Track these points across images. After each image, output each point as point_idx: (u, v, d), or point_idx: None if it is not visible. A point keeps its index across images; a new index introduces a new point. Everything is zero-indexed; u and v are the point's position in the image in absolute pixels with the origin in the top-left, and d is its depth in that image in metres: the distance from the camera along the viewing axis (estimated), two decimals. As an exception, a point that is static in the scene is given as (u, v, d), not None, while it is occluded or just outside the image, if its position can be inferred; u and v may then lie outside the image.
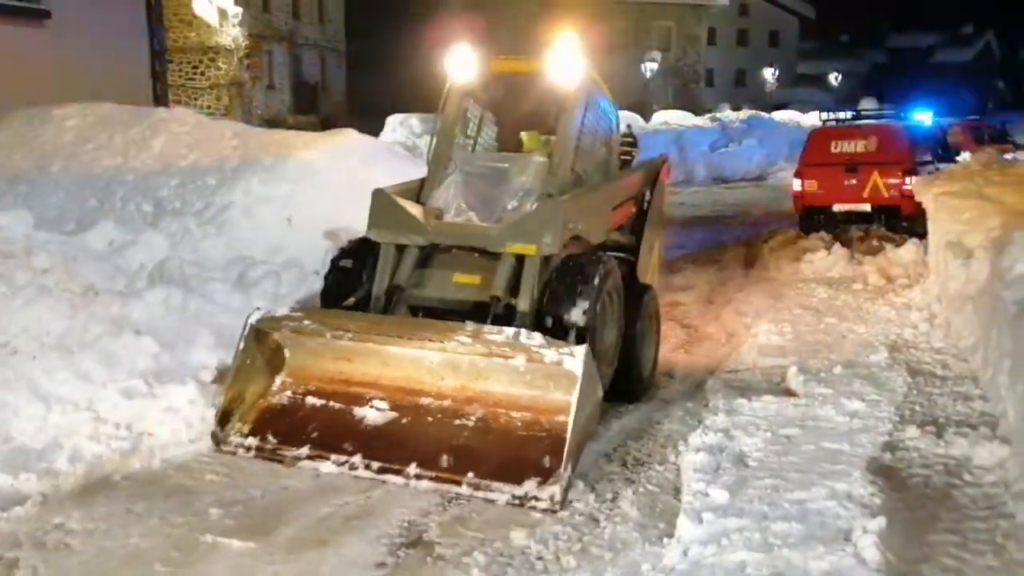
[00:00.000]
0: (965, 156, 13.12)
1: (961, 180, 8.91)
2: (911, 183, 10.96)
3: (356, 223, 8.31)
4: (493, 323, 4.88)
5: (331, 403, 4.94)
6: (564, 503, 4.20)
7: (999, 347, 5.19)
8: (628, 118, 21.51)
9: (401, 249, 5.45)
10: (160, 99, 15.92)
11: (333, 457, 4.63)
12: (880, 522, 3.56)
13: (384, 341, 4.83)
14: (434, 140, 6.08)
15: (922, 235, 9.93)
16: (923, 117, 13.29)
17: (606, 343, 5.39)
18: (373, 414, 4.83)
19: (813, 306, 8.22)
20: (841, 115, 13.79)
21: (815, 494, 4.01)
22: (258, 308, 5.19)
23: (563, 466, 4.21)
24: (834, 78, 48.49)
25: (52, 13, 14.25)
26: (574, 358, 4.39)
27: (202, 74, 28.66)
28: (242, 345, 4.97)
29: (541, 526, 4.05)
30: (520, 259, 5.21)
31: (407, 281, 5.39)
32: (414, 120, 23.54)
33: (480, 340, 4.59)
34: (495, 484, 4.30)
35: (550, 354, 4.45)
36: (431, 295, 5.40)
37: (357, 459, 4.58)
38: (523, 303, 5.12)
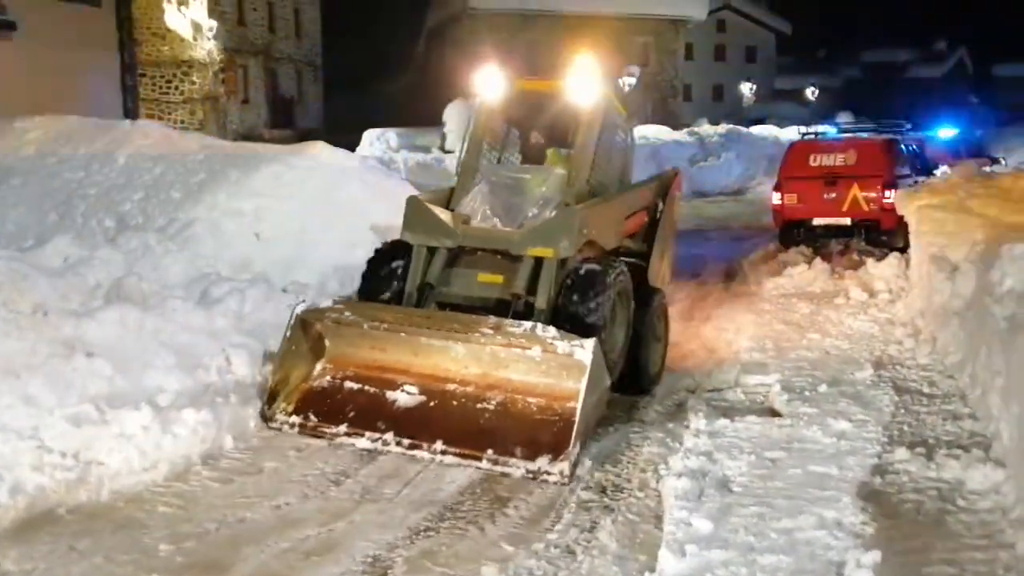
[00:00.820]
0: (944, 169, 13.06)
1: (943, 193, 8.78)
2: (891, 196, 10.85)
3: (329, 237, 8.13)
4: (513, 318, 5.38)
5: (367, 387, 5.47)
6: (572, 478, 4.67)
7: (990, 365, 5.02)
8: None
9: (432, 250, 5.95)
10: (130, 113, 15.66)
11: (368, 434, 5.13)
12: (875, 556, 3.36)
13: (415, 332, 5.39)
14: (463, 152, 6.56)
15: (902, 249, 9.81)
16: (948, 133, 13.40)
17: (615, 339, 5.81)
18: (404, 397, 5.34)
19: (795, 321, 8.05)
20: (821, 129, 13.68)
21: (803, 522, 3.83)
22: (303, 300, 5.84)
23: (572, 445, 4.70)
24: (811, 93, 48.81)
25: (18, 25, 13.96)
26: (584, 349, 4.88)
27: (176, 88, 28.16)
28: (288, 333, 5.52)
29: (513, 560, 3.82)
30: (539, 261, 5.69)
31: (436, 279, 5.91)
32: (391, 134, 23.38)
33: (501, 333, 5.13)
34: (512, 460, 4.78)
35: (562, 345, 4.95)
36: (458, 292, 5.92)
37: (389, 436, 5.07)
38: (541, 301, 5.60)
